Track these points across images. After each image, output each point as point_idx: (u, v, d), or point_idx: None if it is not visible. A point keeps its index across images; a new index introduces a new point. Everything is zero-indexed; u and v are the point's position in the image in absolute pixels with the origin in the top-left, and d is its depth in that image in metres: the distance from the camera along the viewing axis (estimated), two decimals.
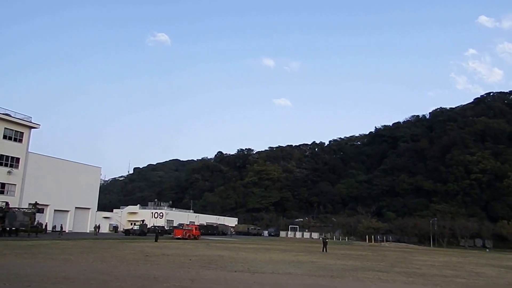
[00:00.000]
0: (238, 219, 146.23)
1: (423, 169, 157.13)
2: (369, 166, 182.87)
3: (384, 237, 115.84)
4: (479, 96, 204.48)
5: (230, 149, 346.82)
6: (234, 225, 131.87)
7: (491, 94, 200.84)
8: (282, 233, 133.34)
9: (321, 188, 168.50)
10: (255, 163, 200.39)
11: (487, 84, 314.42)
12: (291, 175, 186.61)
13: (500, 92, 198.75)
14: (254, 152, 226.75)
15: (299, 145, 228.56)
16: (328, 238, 63.08)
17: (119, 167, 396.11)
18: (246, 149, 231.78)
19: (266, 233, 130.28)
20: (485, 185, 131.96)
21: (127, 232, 78.22)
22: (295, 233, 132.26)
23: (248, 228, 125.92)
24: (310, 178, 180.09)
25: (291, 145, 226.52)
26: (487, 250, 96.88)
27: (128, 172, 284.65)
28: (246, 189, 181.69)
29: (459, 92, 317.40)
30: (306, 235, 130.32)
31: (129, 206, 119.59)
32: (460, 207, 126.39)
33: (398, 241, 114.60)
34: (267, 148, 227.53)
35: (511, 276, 29.16)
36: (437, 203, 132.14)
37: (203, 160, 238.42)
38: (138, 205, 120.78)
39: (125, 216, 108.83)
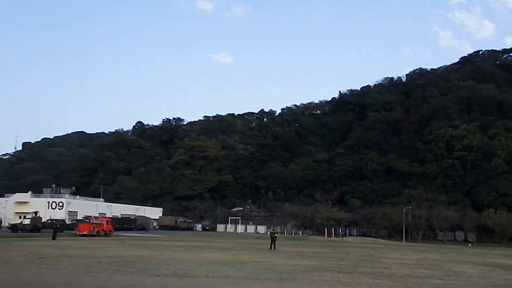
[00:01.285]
0: (164, 209, 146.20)
1: (397, 146, 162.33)
2: (330, 141, 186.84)
3: (347, 230, 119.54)
4: (466, 55, 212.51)
5: (154, 119, 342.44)
6: (158, 217, 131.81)
7: (481, 53, 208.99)
8: (220, 227, 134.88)
9: (270, 169, 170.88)
10: (186, 138, 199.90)
11: (476, 41, 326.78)
12: (233, 152, 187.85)
13: (491, 51, 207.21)
14: (185, 123, 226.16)
15: (243, 114, 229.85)
16: (277, 233, 64.54)
17: (2, 142, 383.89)
18: (174, 118, 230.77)
19: (199, 226, 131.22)
20: (470, 166, 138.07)
21: (14, 227, 76.66)
22: (236, 227, 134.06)
23: (176, 221, 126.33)
24: (256, 156, 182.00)
25: (233, 114, 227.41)
26: (469, 244, 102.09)
27: (16, 148, 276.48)
28: (174, 171, 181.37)
29: (442, 50, 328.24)
30: (250, 229, 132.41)
31: (17, 194, 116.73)
32: (440, 193, 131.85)
33: (364, 234, 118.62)
34: (201, 118, 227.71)
35: (495, 276, 31.04)
36: (413, 188, 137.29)
37: (117, 133, 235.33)
38: (30, 192, 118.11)
39: (12, 207, 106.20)
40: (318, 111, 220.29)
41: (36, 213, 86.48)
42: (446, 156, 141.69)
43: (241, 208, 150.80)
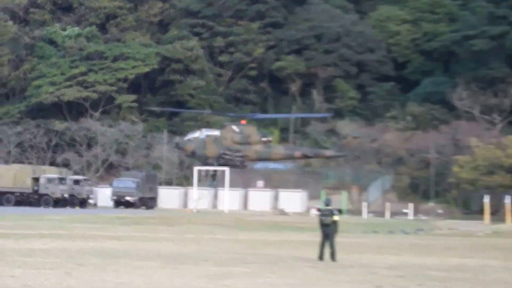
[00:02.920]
0: None
1: None
2: None
3: None
4: None
5: None
6: None
7: None
8: (168, 193, 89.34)
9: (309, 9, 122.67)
10: None
11: None
12: None
13: None
14: None
15: None
16: (339, 211, 40.40)
17: None
18: None
19: (105, 193, 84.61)
20: None
21: None
22: (215, 191, 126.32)
23: (38, 178, 77.85)
24: None
25: None
26: None
27: None
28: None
29: None
30: (256, 198, 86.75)
31: None
32: None
33: None
34: None
35: None
36: None
37: None
38: None
39: None
40: None
41: None
42: None
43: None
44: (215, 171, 77.79)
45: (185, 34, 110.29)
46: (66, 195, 76.18)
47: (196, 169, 75.56)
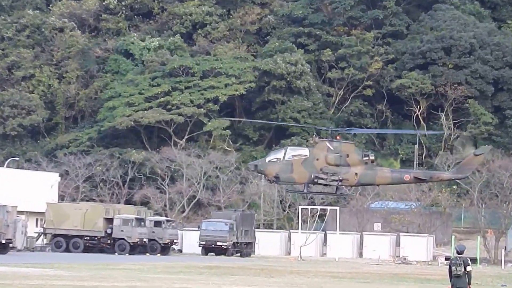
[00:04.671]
0: (61, 175, 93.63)
1: None
2: None
3: None
4: None
5: None
6: (46, 204, 78.47)
7: None
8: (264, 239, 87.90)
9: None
10: None
11: None
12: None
13: None
14: None
15: None
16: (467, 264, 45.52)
17: None
18: None
19: (193, 238, 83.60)
20: None
21: None
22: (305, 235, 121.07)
23: (108, 222, 75.50)
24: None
25: None
26: None
27: None
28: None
29: None
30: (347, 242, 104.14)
31: None
32: None
33: None
34: None
35: None
36: None
37: None
38: None
39: None
40: None
41: None
42: None
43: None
44: (324, 210, 77.46)
45: (288, 46, 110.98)
46: (145, 240, 76.67)
47: (300, 208, 75.49)
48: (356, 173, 65.97)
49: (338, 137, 70.04)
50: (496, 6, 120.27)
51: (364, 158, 66.37)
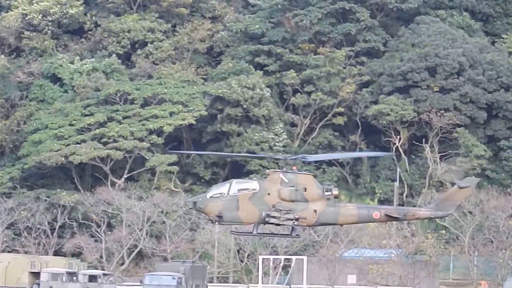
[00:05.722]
0: None
1: None
2: None
3: None
4: None
5: None
6: None
7: None
8: None
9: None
10: None
11: None
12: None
13: None
14: None
15: None
16: None
17: None
18: None
19: None
20: None
21: None
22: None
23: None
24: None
25: None
26: None
27: None
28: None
29: None
30: None
31: None
32: None
33: None
34: None
35: None
36: None
37: None
38: None
39: None
40: None
41: None
42: None
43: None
44: (289, 260, 76.12)
45: (244, 67, 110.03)
46: None
47: (261, 258, 74.61)
48: (315, 210, 63.30)
49: (294, 168, 67.50)
50: (488, 18, 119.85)
51: (326, 193, 63.61)
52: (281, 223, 61.18)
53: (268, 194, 60.79)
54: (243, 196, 63.32)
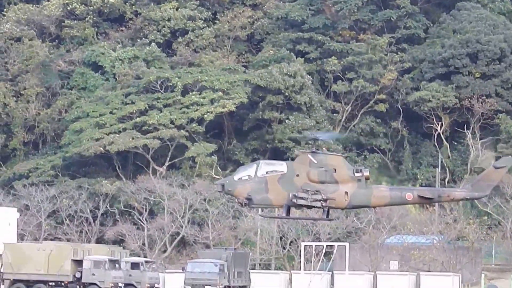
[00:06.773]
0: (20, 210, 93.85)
1: None
2: None
3: None
4: None
5: None
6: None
7: None
8: None
9: None
10: None
11: None
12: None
13: None
14: None
15: None
16: None
17: None
18: None
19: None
20: None
21: None
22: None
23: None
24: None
25: None
26: None
27: None
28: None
29: None
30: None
31: None
32: None
33: None
34: None
35: None
36: None
37: None
38: None
39: None
40: None
41: None
42: None
43: None
44: (331, 247, 76.03)
45: (285, 54, 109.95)
46: (121, 284, 74.19)
47: (303, 245, 74.45)
48: (346, 192, 62.18)
49: (324, 148, 66.46)
50: None
51: (356, 174, 62.26)
52: (309, 204, 60.29)
53: (297, 175, 59.70)
54: (272, 178, 62.46)
